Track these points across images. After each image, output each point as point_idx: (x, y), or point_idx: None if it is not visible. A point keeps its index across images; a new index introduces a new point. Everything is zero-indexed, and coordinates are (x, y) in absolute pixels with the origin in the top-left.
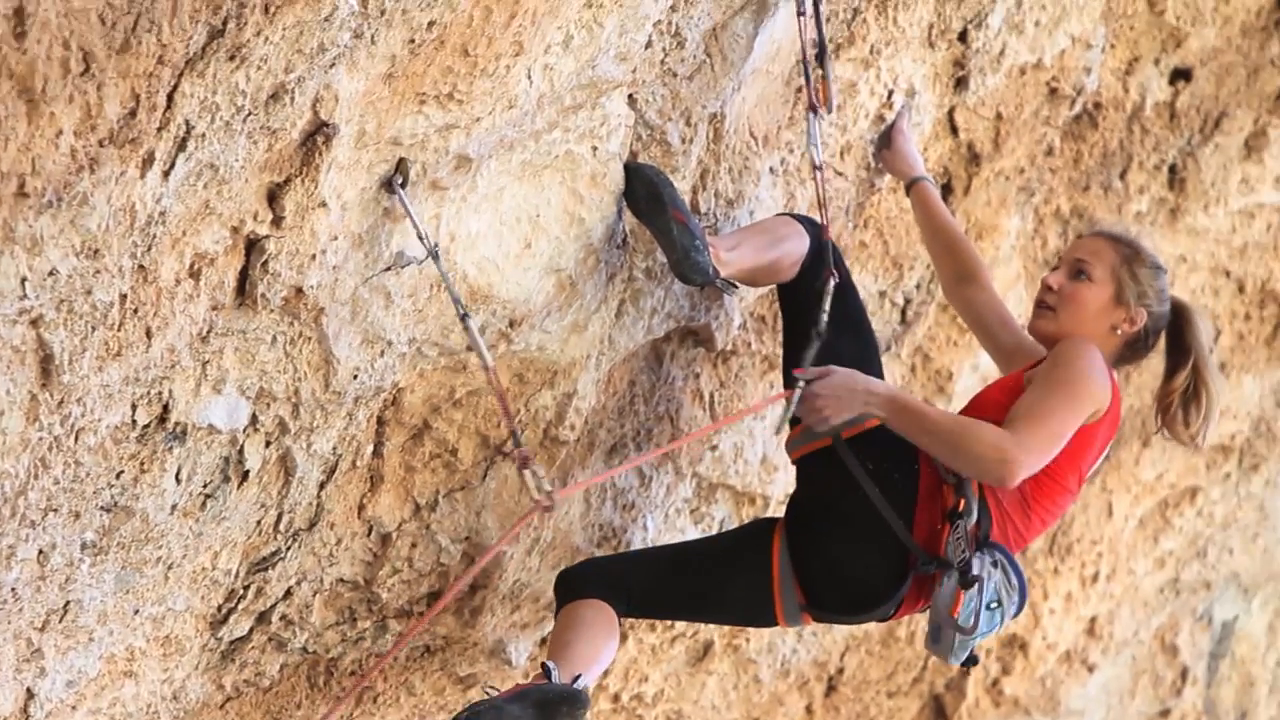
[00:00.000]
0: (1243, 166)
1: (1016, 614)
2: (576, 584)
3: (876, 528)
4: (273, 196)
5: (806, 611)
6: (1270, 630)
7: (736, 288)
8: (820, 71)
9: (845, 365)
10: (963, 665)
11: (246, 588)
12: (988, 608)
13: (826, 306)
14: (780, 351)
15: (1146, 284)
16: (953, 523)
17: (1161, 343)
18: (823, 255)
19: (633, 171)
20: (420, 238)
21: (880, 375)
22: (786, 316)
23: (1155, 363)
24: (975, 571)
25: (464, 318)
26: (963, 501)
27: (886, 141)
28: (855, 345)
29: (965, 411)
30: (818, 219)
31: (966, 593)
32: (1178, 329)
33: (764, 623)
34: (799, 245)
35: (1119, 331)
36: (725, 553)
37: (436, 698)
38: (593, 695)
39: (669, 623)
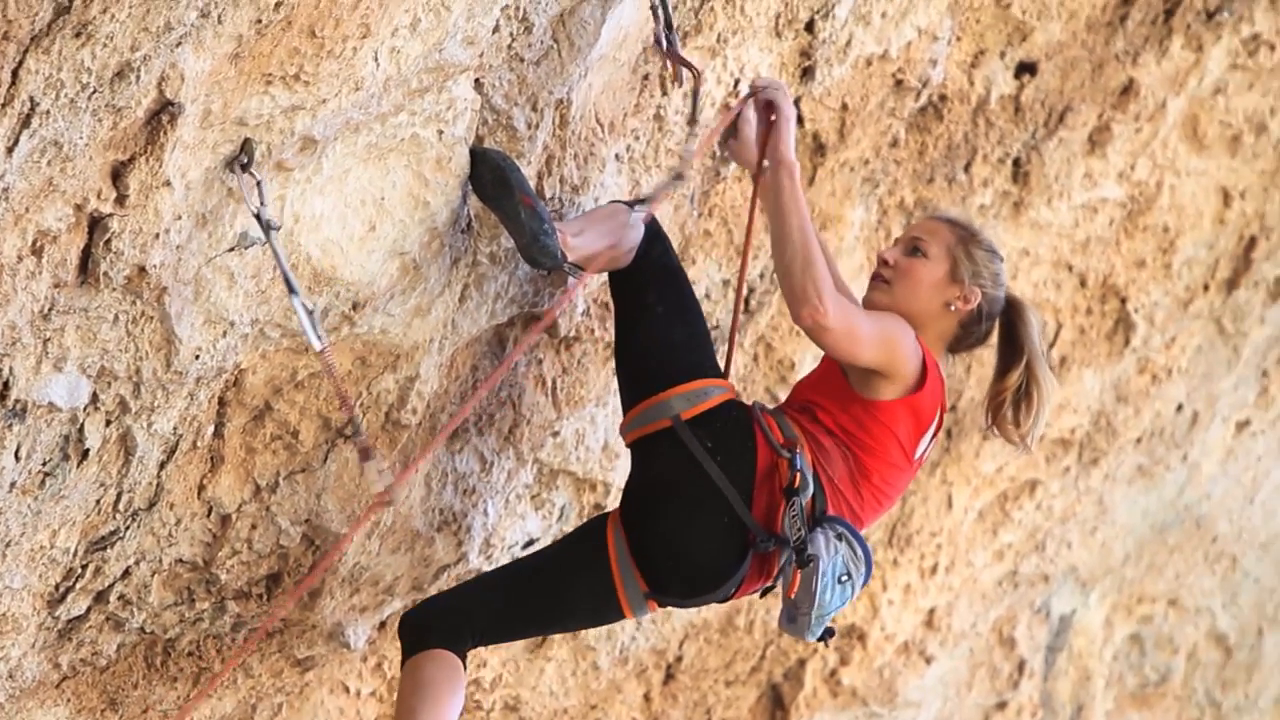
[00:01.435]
0: (1086, 161)
1: (864, 583)
2: (418, 634)
3: (716, 506)
4: (117, 175)
5: (651, 598)
6: (1107, 624)
7: (584, 270)
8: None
9: (677, 347)
10: (820, 640)
11: (85, 567)
12: (839, 581)
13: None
14: None
15: (982, 264)
16: (788, 499)
17: (995, 339)
18: (656, 241)
19: (479, 156)
20: (255, 215)
21: (711, 358)
22: (618, 300)
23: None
24: (810, 550)
25: (293, 294)
26: (798, 477)
27: (733, 130)
28: (684, 328)
29: (800, 384)
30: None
31: (803, 571)
32: (1011, 324)
33: (612, 617)
34: (635, 233)
35: (953, 308)
36: (560, 560)
37: (274, 680)
38: None
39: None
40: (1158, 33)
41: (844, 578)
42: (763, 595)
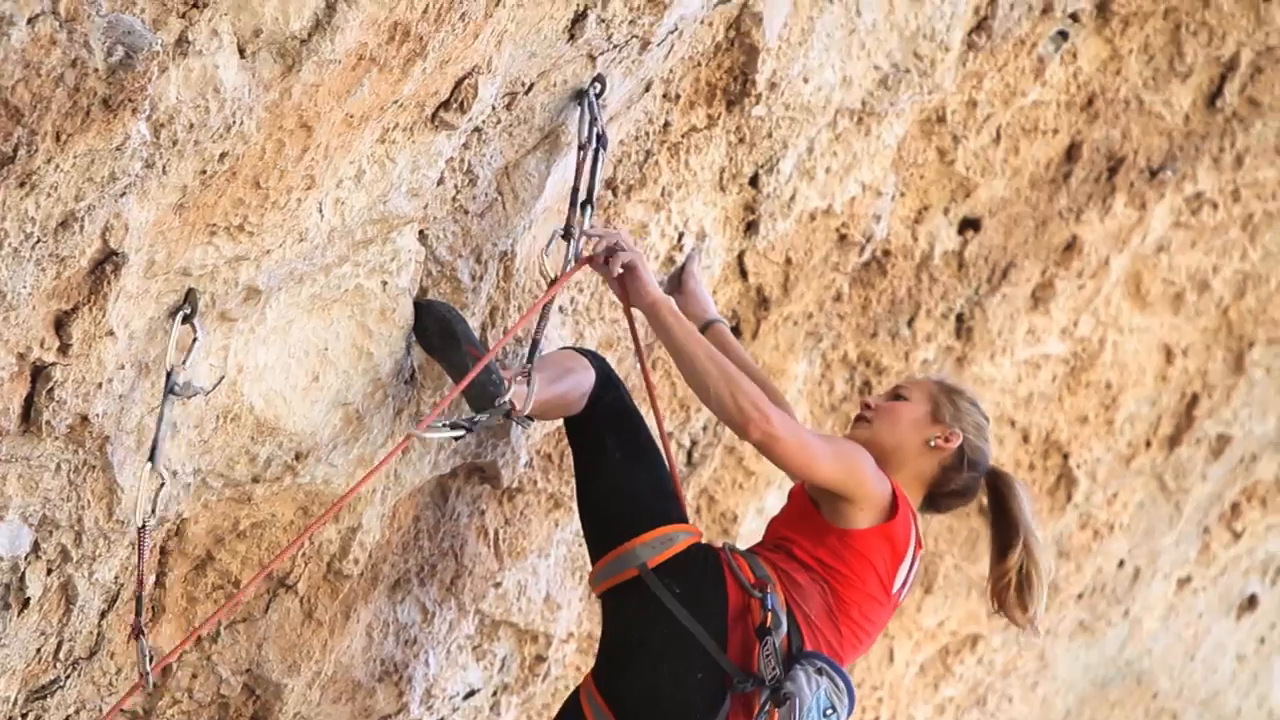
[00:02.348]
0: (1029, 317)
1: (849, 716)
2: None
3: (689, 652)
4: (60, 324)
5: None
6: None
7: (532, 421)
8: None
9: (639, 493)
10: None
11: (24, 716)
12: (824, 715)
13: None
14: (566, 490)
15: (964, 410)
16: (761, 638)
17: (983, 507)
18: (609, 386)
19: (423, 308)
20: (168, 373)
21: (675, 501)
22: (576, 449)
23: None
24: (787, 689)
25: (151, 460)
26: (769, 616)
27: (678, 284)
28: (644, 472)
29: (774, 521)
30: (594, 353)
31: (780, 710)
32: (1001, 498)
33: None
34: (586, 377)
35: (933, 444)
36: None
37: None
38: None
39: None
40: (1101, 190)
41: (829, 711)
42: None
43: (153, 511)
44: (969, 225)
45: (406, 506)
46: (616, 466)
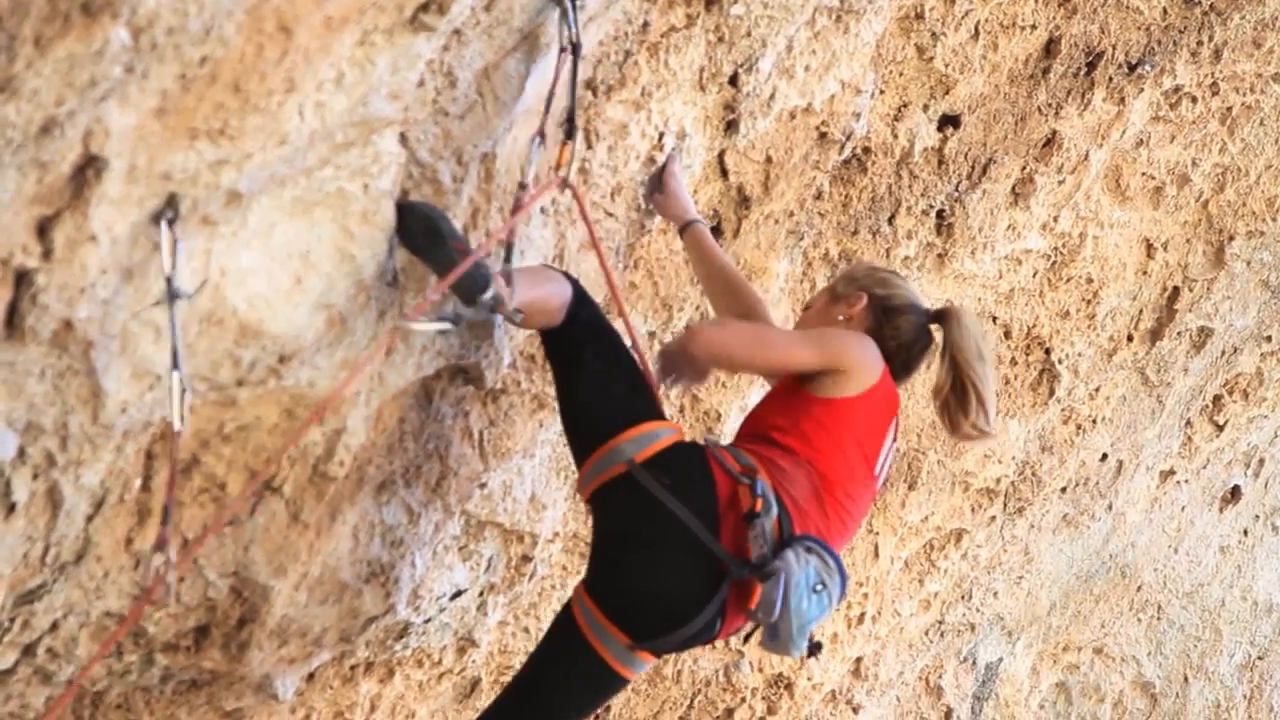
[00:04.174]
0: (1009, 213)
1: (841, 596)
2: None
3: (683, 541)
4: (42, 229)
5: (638, 649)
6: (1033, 672)
7: (521, 314)
8: (569, 142)
9: (618, 395)
10: (808, 655)
11: (12, 620)
12: (814, 590)
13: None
14: (550, 390)
15: (859, 276)
16: (751, 522)
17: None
18: (585, 304)
19: (406, 209)
20: (166, 279)
21: (655, 403)
22: (554, 362)
23: (924, 409)
24: (773, 565)
25: (175, 369)
26: (759, 501)
27: (658, 184)
28: (623, 378)
29: (750, 415)
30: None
31: (766, 584)
32: (946, 333)
33: (615, 685)
34: (563, 289)
35: (842, 318)
36: (542, 664)
37: None
38: None
39: (436, 659)
40: (1080, 85)
41: (818, 587)
42: (747, 639)
43: (182, 419)
44: (948, 122)
45: (391, 408)
46: (595, 374)
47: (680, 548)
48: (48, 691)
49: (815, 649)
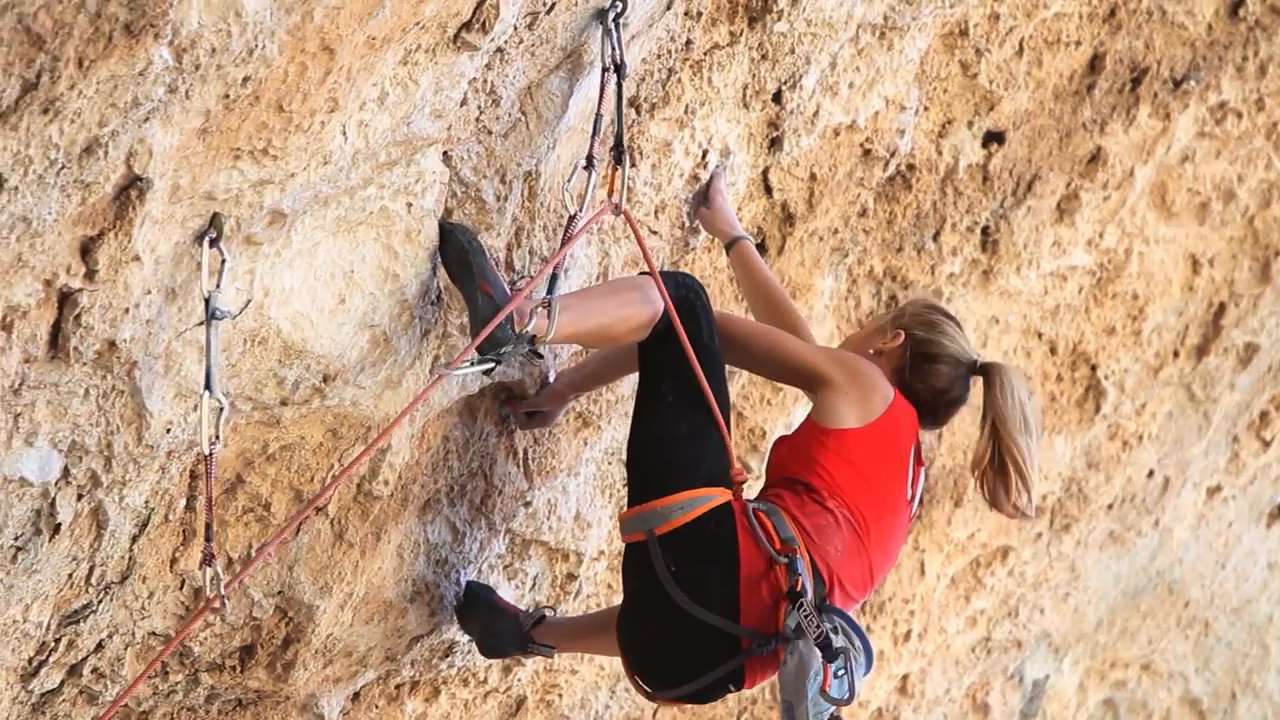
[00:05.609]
0: (1055, 229)
1: (866, 673)
2: None
3: (687, 624)
4: (86, 250)
5: (657, 697)
6: (1081, 689)
7: (541, 356)
8: (619, 168)
9: (675, 447)
10: None
11: (58, 640)
12: (835, 675)
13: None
14: (594, 408)
15: (910, 314)
16: (794, 603)
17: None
18: (690, 316)
19: (447, 233)
20: (205, 300)
21: (712, 457)
22: (640, 373)
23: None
24: (837, 645)
25: (207, 390)
26: (799, 582)
27: (704, 200)
28: (688, 422)
29: (776, 456)
30: (679, 279)
31: (833, 665)
32: (985, 388)
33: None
34: (641, 310)
35: (872, 350)
36: None
37: None
38: None
39: (482, 678)
40: (1125, 101)
41: (840, 672)
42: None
43: (217, 439)
44: (993, 138)
45: (435, 427)
46: (664, 411)
47: (683, 625)
48: (93, 711)
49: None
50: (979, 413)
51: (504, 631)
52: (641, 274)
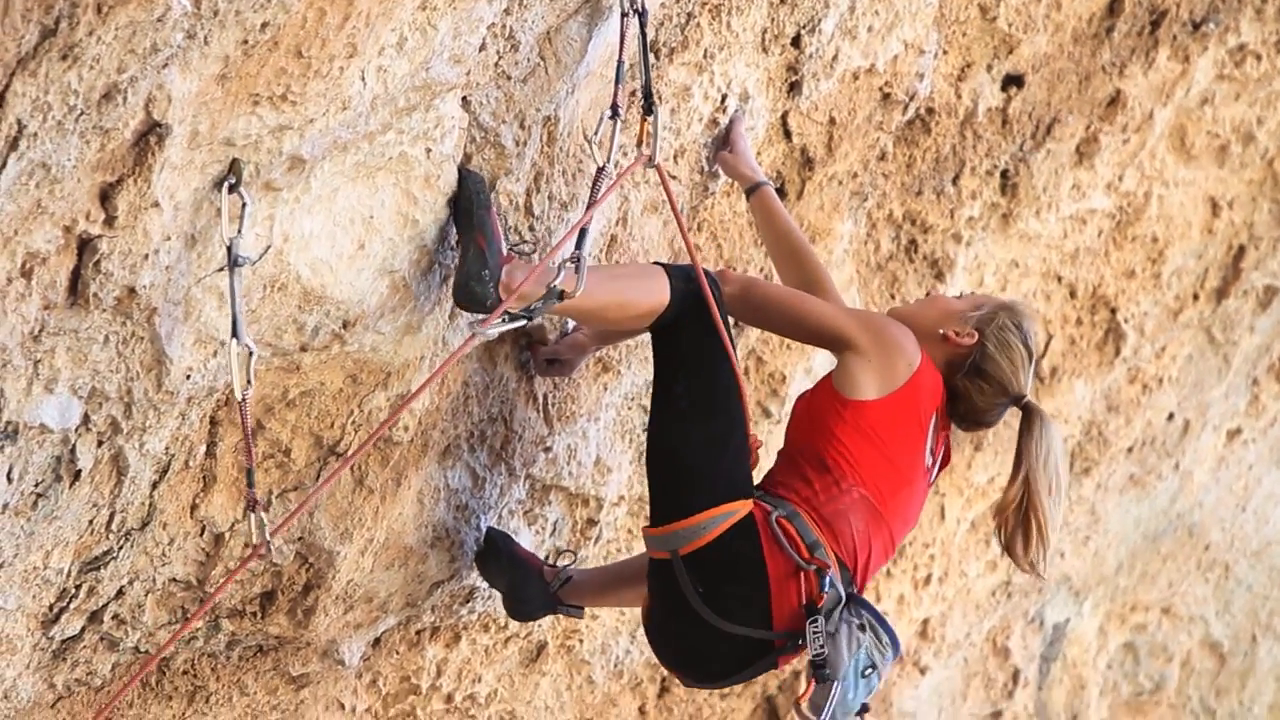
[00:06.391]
0: (1074, 172)
1: (892, 663)
2: None
3: (714, 636)
4: (105, 196)
5: (695, 687)
6: (1101, 633)
7: (529, 318)
8: (648, 118)
9: (695, 460)
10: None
11: (78, 587)
12: (862, 675)
13: None
14: (614, 354)
15: (998, 324)
16: (811, 619)
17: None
18: (702, 314)
19: (461, 180)
20: (227, 246)
21: (731, 468)
22: (655, 366)
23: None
24: (829, 668)
25: (235, 337)
26: (823, 597)
27: (726, 145)
28: (706, 430)
29: (792, 433)
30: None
31: (819, 686)
32: (1022, 430)
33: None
34: (656, 294)
35: (943, 334)
36: None
37: (269, 697)
38: (426, 695)
39: (503, 623)
40: (1144, 44)
41: (868, 670)
42: None
43: (249, 383)
44: (1012, 82)
45: (455, 372)
46: (681, 416)
47: (711, 640)
48: (114, 658)
49: (863, 711)
50: (1013, 470)
51: (531, 596)
52: (655, 264)
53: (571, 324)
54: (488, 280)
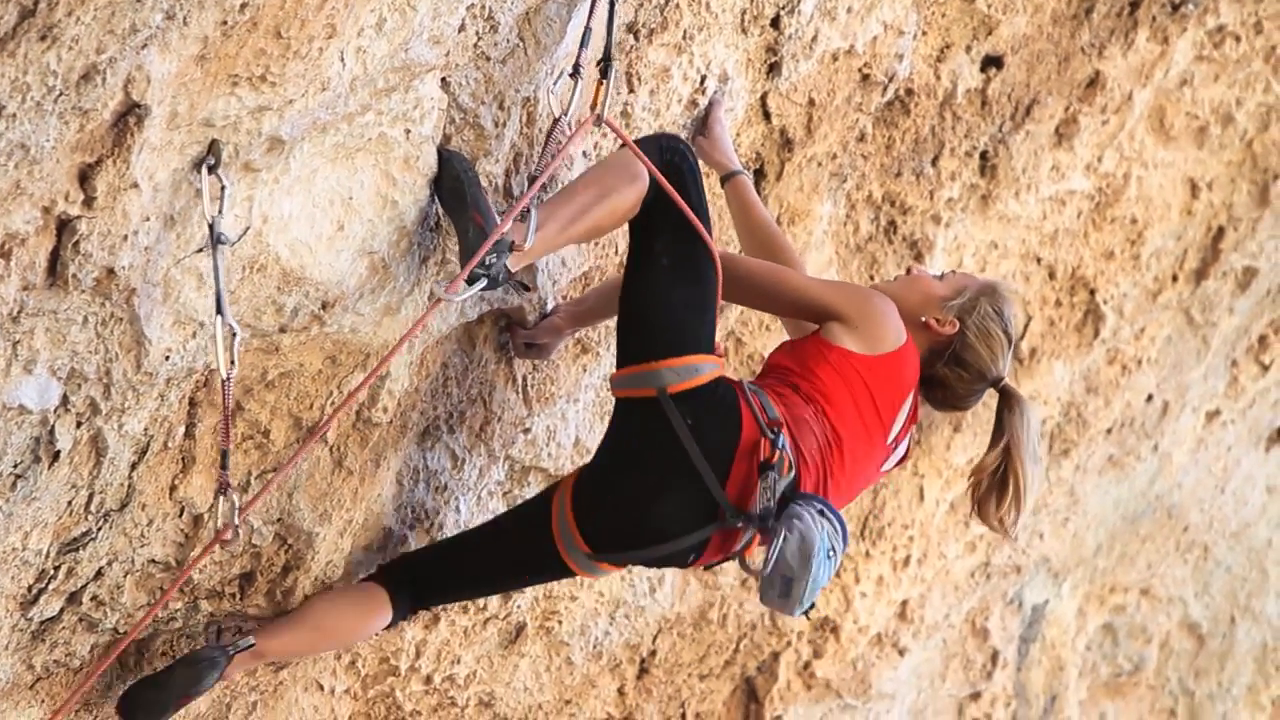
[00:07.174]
0: (1053, 154)
1: (844, 550)
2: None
3: (686, 478)
4: (84, 177)
5: (599, 560)
6: (1080, 614)
7: (528, 289)
8: (603, 81)
9: (675, 312)
10: (804, 614)
11: (57, 568)
12: (827, 556)
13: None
14: (593, 335)
15: (979, 311)
16: (764, 473)
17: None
18: (681, 177)
19: (444, 161)
20: (210, 225)
21: (708, 326)
22: (631, 236)
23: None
24: (793, 524)
25: (219, 314)
26: (778, 453)
27: (704, 129)
28: (687, 288)
29: (775, 353)
30: (662, 142)
31: (788, 544)
32: (1002, 410)
33: (563, 576)
34: (628, 194)
35: (925, 321)
36: (508, 526)
37: (248, 678)
38: (405, 676)
39: (481, 605)
40: (1123, 25)
41: (831, 552)
42: (708, 568)
43: (233, 363)
44: (991, 63)
45: (434, 354)
46: (661, 275)
47: (681, 482)
48: (92, 639)
49: (810, 608)
50: (991, 441)
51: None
52: (619, 153)
53: (550, 305)
54: (496, 249)
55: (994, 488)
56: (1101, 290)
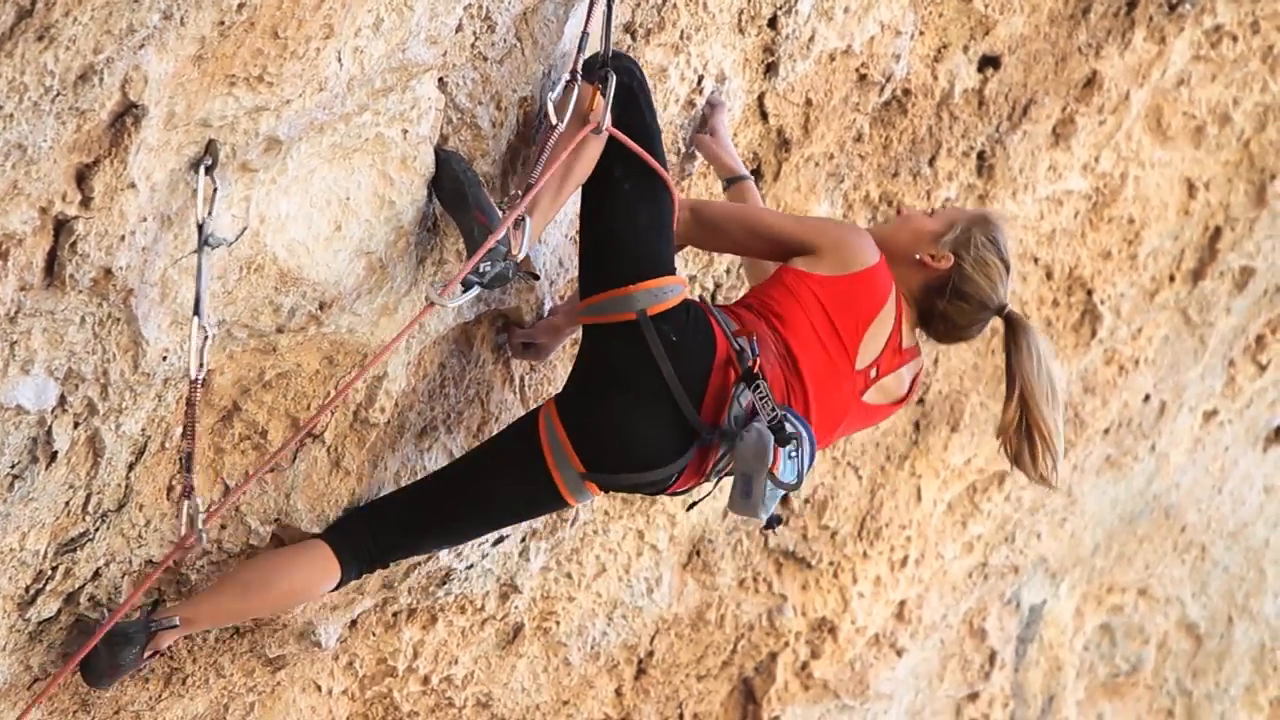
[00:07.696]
0: (1050, 154)
1: (810, 464)
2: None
3: (665, 401)
4: (81, 177)
5: (589, 480)
6: (1077, 614)
7: (538, 277)
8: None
9: (641, 234)
10: (768, 527)
11: (55, 569)
12: (789, 456)
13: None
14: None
15: (973, 242)
16: (750, 383)
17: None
18: (630, 103)
19: (442, 161)
20: (199, 225)
21: (671, 247)
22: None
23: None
24: (789, 431)
25: (196, 315)
26: (756, 362)
27: (710, 131)
28: (649, 209)
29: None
30: (616, 64)
31: (785, 448)
32: (1008, 345)
33: (551, 507)
34: (596, 146)
35: (919, 258)
36: (486, 456)
37: (246, 679)
38: (402, 677)
39: (479, 605)
40: (1120, 25)
41: (792, 454)
42: (689, 509)
43: (202, 365)
44: (989, 63)
45: (431, 354)
46: (622, 198)
47: (661, 404)
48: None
49: (775, 522)
50: (1007, 391)
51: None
52: (570, 76)
53: (549, 306)
54: (499, 248)
55: (1023, 442)
56: (1099, 290)
